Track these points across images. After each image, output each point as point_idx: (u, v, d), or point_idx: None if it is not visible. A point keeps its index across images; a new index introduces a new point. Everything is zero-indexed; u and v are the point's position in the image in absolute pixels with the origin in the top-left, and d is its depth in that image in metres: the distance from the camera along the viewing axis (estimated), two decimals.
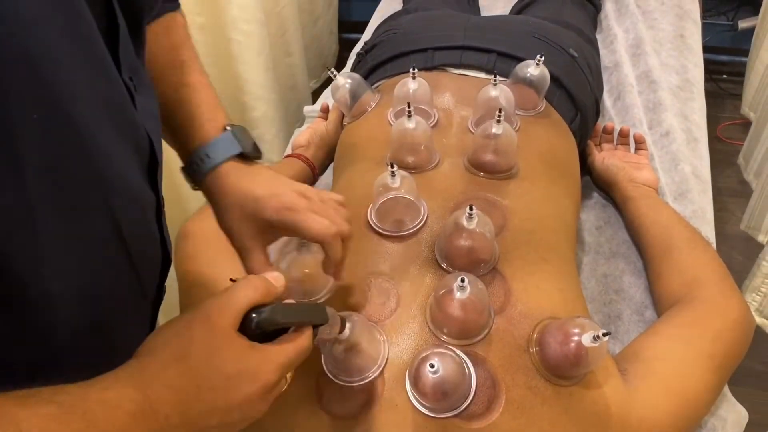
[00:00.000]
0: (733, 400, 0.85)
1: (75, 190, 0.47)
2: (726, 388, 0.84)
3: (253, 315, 0.53)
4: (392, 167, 0.72)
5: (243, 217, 0.67)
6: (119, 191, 0.52)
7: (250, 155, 0.70)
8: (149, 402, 0.45)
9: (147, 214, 0.59)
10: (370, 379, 0.66)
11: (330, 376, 0.67)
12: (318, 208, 0.67)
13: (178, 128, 0.70)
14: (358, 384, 0.66)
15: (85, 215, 0.49)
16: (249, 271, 0.69)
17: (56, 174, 0.44)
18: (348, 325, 0.62)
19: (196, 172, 0.69)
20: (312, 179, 1.20)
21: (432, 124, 0.98)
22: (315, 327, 0.58)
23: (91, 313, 0.52)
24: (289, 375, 0.56)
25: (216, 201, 0.69)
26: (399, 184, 0.76)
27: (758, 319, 1.32)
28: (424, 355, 0.61)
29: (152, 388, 0.46)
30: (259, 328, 0.52)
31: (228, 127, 0.69)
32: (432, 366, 0.58)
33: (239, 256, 0.70)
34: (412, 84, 0.97)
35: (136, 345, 0.50)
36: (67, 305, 0.49)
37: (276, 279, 0.57)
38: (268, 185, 0.69)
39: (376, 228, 0.81)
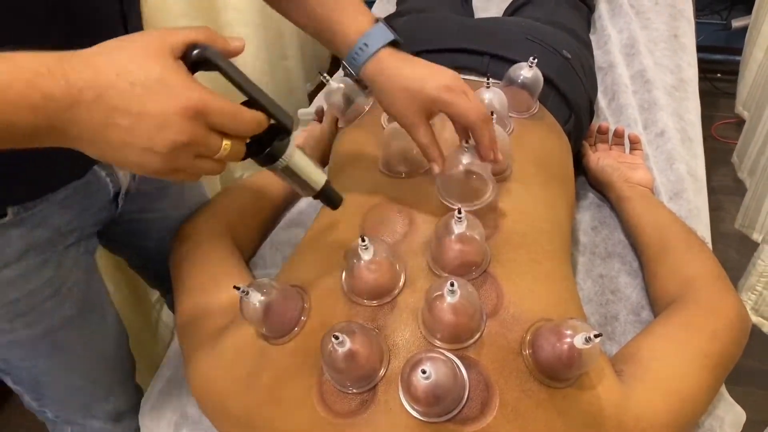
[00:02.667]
0: (731, 399, 0.84)
1: None
2: (723, 388, 0.84)
3: (197, 49, 0.55)
4: (363, 240, 0.69)
5: (407, 96, 0.76)
6: None
7: (401, 43, 0.79)
8: (63, 70, 0.49)
9: None
10: (366, 389, 0.66)
11: (330, 381, 0.67)
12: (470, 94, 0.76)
13: (329, 23, 0.79)
14: (355, 392, 0.66)
15: None
16: (420, 144, 0.78)
17: None
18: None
19: (356, 61, 0.78)
20: None
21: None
22: (273, 131, 0.60)
23: None
24: (226, 143, 0.56)
25: (379, 85, 0.78)
26: (371, 257, 0.71)
27: (754, 318, 1.32)
28: (415, 360, 0.61)
29: (71, 62, 0.49)
30: (196, 64, 0.55)
31: (378, 20, 0.79)
32: (424, 372, 0.58)
33: (409, 132, 0.78)
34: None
35: None
36: None
37: (231, 39, 0.59)
38: (428, 66, 0.78)
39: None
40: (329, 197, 0.72)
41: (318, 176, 0.69)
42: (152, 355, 1.50)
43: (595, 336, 0.60)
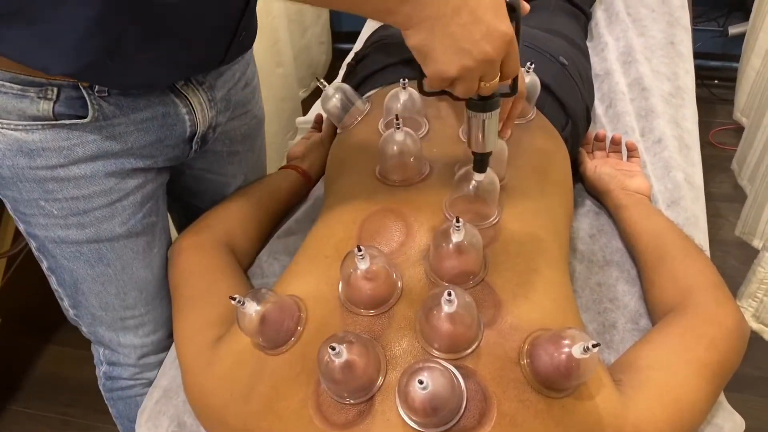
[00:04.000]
0: (730, 408, 0.84)
1: None
2: (722, 397, 0.83)
3: None
4: (359, 250, 0.69)
5: None
6: None
7: None
8: None
9: None
10: (363, 400, 0.66)
11: (327, 391, 0.67)
12: None
13: None
14: (352, 403, 0.66)
15: None
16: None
17: None
18: None
19: None
20: (307, 190, 1.20)
21: (422, 135, 0.97)
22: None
23: None
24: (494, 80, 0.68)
25: None
26: (367, 266, 0.70)
27: (755, 325, 1.32)
28: (413, 370, 0.60)
29: None
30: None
31: None
32: (421, 382, 0.57)
33: None
34: (403, 95, 0.97)
35: None
36: None
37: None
38: None
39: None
40: (481, 163, 0.78)
41: (494, 143, 0.76)
42: None
43: (594, 346, 0.59)
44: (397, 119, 0.85)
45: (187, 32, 0.79)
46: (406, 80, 0.96)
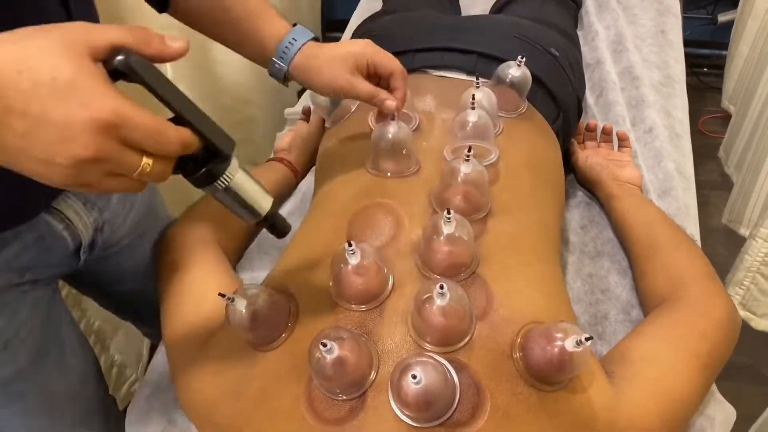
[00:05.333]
0: (721, 398, 0.84)
1: None
2: (714, 387, 0.84)
3: (120, 55, 0.46)
4: (350, 245, 0.68)
5: (338, 61, 0.87)
6: None
7: (319, 40, 0.90)
8: None
9: None
10: (356, 395, 0.65)
11: (318, 387, 0.66)
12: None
13: (254, 31, 0.87)
14: (344, 398, 0.65)
15: None
16: (365, 94, 0.88)
17: None
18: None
19: (287, 53, 0.87)
20: (294, 183, 1.19)
21: (413, 128, 0.96)
22: (208, 153, 0.54)
23: None
24: (147, 161, 0.49)
25: (313, 68, 0.87)
26: (358, 261, 0.69)
27: (742, 313, 1.33)
28: (405, 364, 0.60)
29: None
30: (119, 71, 0.46)
31: (295, 24, 0.89)
32: (414, 377, 0.57)
33: (351, 92, 0.88)
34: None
35: None
36: None
37: (170, 39, 0.51)
38: (349, 41, 0.92)
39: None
40: (275, 225, 0.66)
41: (264, 201, 0.63)
42: None
43: (586, 339, 0.59)
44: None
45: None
46: None
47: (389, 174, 0.88)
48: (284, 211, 1.13)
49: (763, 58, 1.60)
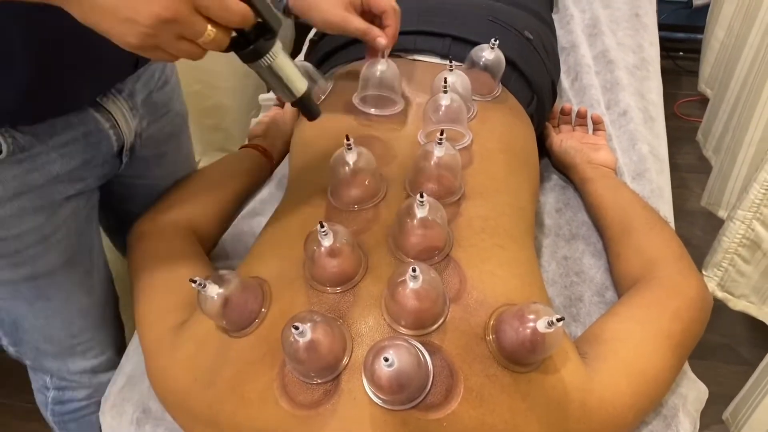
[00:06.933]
0: (693, 376, 0.85)
1: None
2: (686, 366, 0.85)
3: None
4: (322, 226, 0.67)
5: (336, 0, 0.89)
6: None
7: None
8: None
9: None
10: (329, 379, 0.65)
11: (292, 372, 0.66)
12: None
13: None
14: (318, 382, 0.65)
15: None
16: (359, 31, 0.90)
17: None
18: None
19: None
20: (269, 170, 1.18)
21: (397, 112, 0.95)
22: (260, 30, 0.63)
23: None
24: (211, 29, 0.57)
25: (308, 1, 0.91)
26: (331, 243, 0.69)
27: (720, 294, 1.34)
28: (378, 347, 0.60)
29: None
30: None
31: None
32: (386, 359, 0.57)
33: (345, 27, 0.90)
34: (381, 65, 0.93)
35: None
36: None
37: None
38: None
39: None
40: (308, 106, 0.74)
41: (300, 83, 0.71)
42: None
43: (558, 320, 0.59)
44: (348, 139, 0.78)
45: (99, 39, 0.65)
46: (387, 53, 0.94)
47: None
48: (259, 197, 1.12)
49: (740, 41, 1.61)
